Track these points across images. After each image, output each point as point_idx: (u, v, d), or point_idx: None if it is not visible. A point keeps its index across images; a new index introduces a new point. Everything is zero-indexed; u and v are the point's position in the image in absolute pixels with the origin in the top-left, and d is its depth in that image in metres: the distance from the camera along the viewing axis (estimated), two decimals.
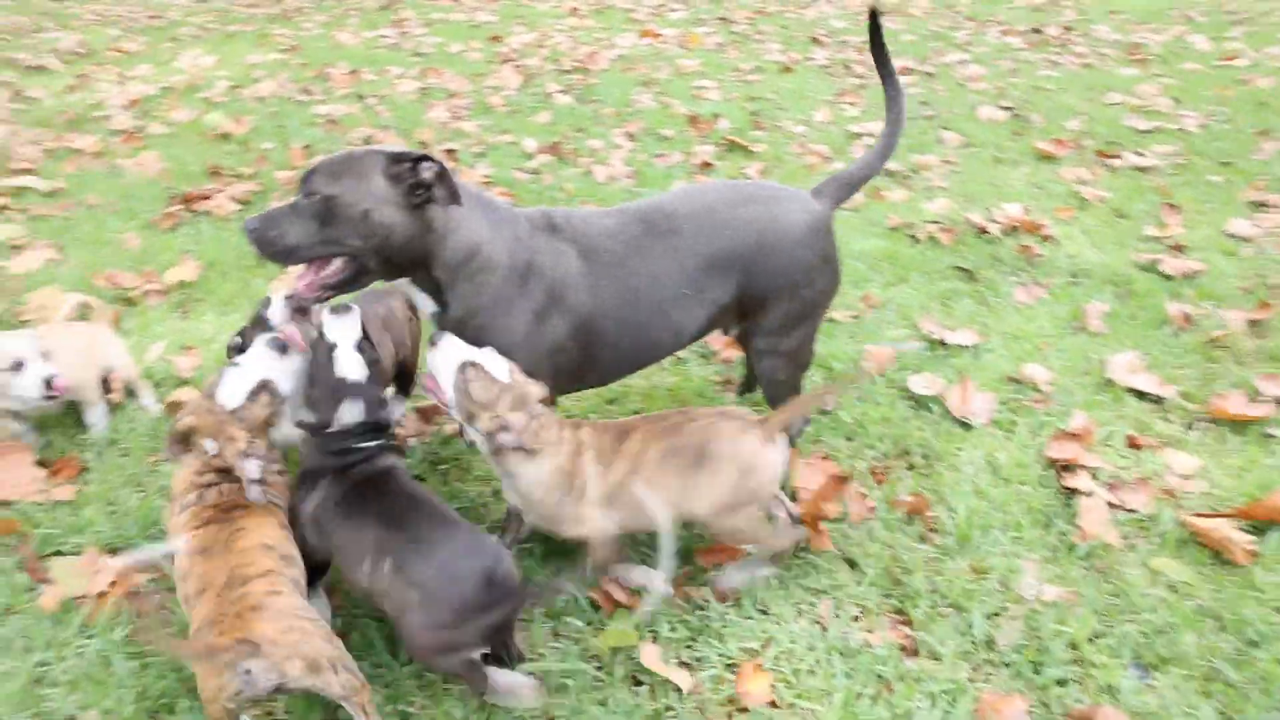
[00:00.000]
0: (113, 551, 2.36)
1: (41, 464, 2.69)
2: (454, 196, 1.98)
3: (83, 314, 3.29)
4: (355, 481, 2.01)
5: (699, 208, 2.24)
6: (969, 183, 4.63)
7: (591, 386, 2.40)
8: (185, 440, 2.07)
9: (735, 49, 7.40)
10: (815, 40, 7.62)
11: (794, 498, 2.44)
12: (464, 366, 1.99)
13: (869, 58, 6.98)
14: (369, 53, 7.89)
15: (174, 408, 2.93)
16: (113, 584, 2.25)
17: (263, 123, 5.90)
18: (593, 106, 5.93)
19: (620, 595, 2.18)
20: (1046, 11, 9.06)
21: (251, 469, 1.97)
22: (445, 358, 2.02)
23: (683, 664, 2.05)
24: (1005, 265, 3.76)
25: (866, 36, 2.44)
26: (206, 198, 4.60)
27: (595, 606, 2.17)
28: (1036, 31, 8.07)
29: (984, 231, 4.00)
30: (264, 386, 2.08)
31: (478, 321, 2.10)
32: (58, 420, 2.85)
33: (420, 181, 1.95)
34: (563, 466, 2.04)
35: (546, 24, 8.74)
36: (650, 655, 2.02)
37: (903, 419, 2.78)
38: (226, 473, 2.03)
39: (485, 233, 2.07)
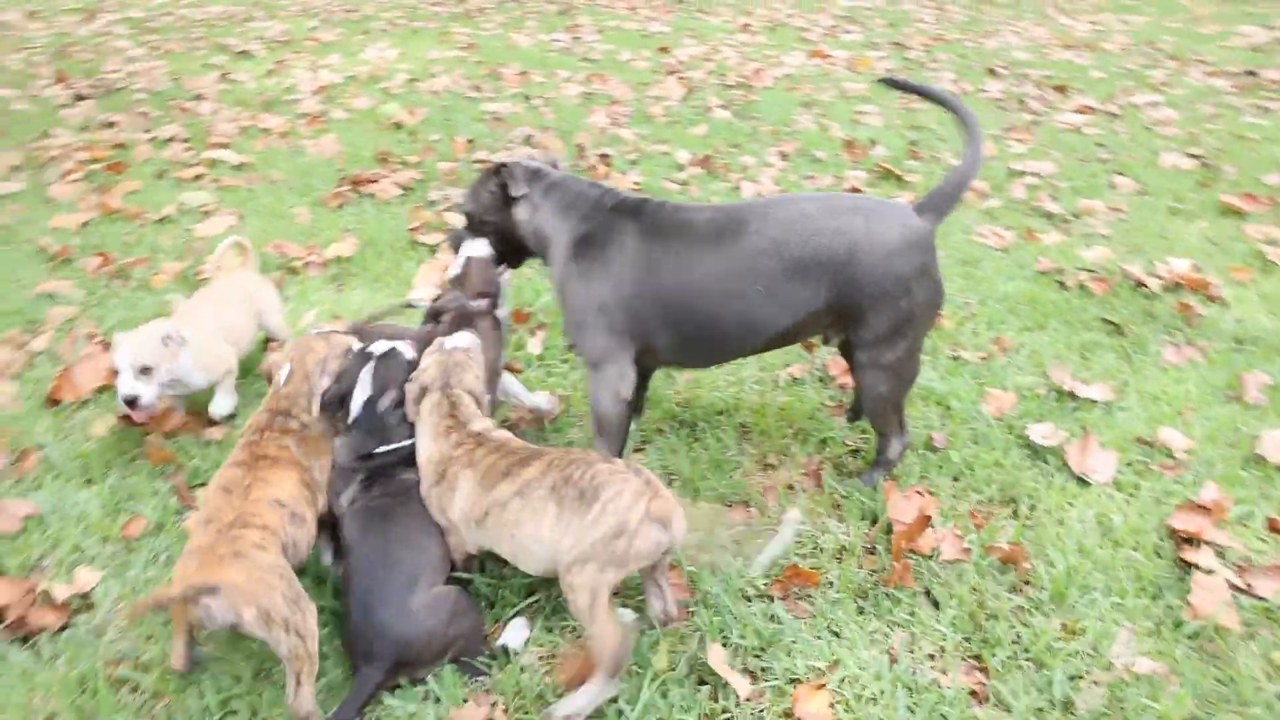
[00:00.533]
0: None
1: (196, 412, 2.99)
2: (520, 189, 2.51)
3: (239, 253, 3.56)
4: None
5: (793, 214, 2.33)
6: (1135, 233, 4.41)
7: (667, 364, 2.59)
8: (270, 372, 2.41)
9: (906, 76, 7.28)
10: (991, 71, 7.40)
11: (888, 530, 2.43)
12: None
13: (1048, 93, 6.75)
14: (541, 55, 8.20)
15: None
16: None
17: (433, 115, 6.24)
18: (751, 123, 5.98)
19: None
20: (1268, 53, 8.45)
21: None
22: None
23: (747, 671, 2.08)
24: (1159, 323, 3.56)
25: (1042, 71, 2.42)
26: (373, 181, 4.92)
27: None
28: (1251, 74, 7.55)
29: (1142, 285, 3.80)
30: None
31: (556, 283, 2.52)
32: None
33: (503, 186, 2.52)
34: (435, 458, 2.15)
35: (717, 38, 8.84)
36: (716, 657, 2.06)
37: (1015, 467, 2.70)
38: (283, 417, 2.27)
39: (550, 222, 2.51)
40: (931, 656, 2.11)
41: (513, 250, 2.63)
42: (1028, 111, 6.43)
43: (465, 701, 2.00)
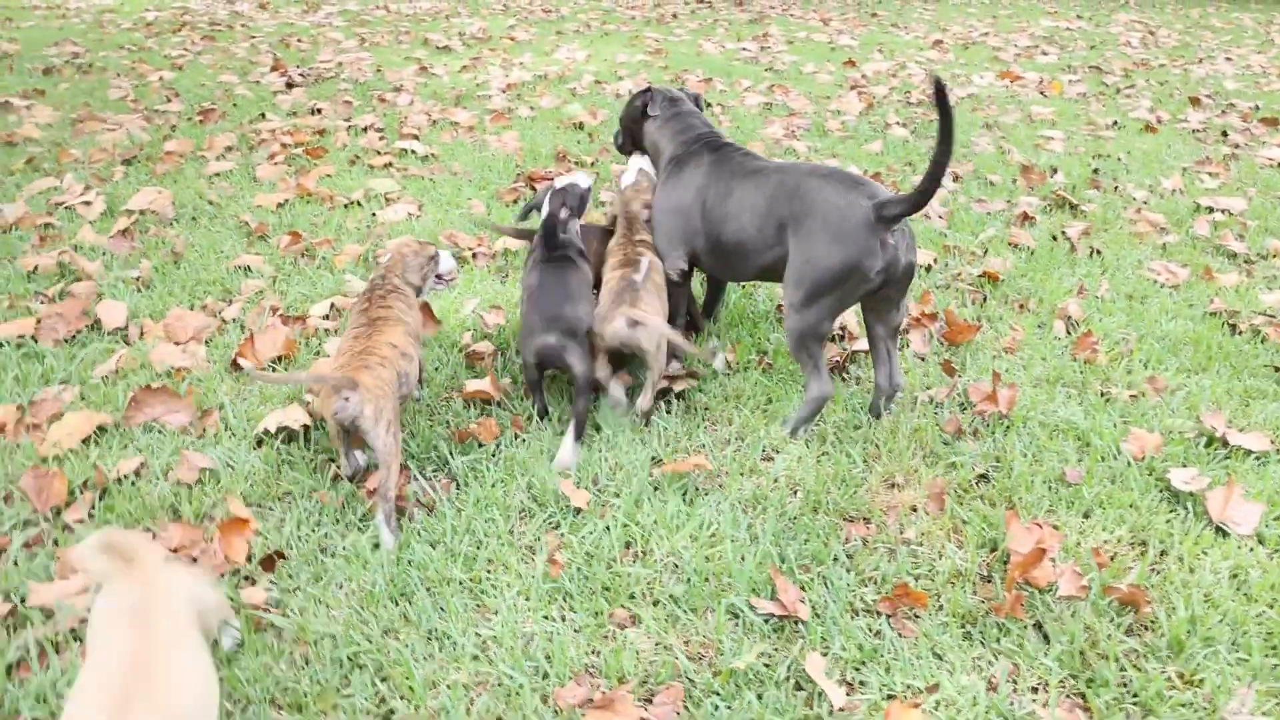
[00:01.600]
0: None
1: None
2: (652, 112, 3.41)
3: None
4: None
5: (788, 169, 2.95)
6: None
7: (726, 276, 3.33)
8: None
9: (1099, 101, 6.96)
10: (1194, 100, 6.96)
11: (1006, 559, 2.39)
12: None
13: (1255, 126, 6.30)
14: (727, 63, 8.31)
15: (473, 357, 3.39)
16: None
17: (614, 117, 6.45)
18: (928, 142, 5.88)
19: (788, 606, 2.26)
20: None
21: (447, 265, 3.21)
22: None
23: (844, 682, 2.10)
24: None
25: (1252, 102, 2.33)
26: (548, 178, 5.15)
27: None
28: None
29: None
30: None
31: (659, 181, 3.37)
32: None
33: (644, 104, 3.43)
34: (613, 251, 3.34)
35: (906, 54, 8.70)
36: (814, 665, 2.10)
37: (1151, 510, 2.58)
38: (381, 284, 3.00)
39: (662, 137, 3.37)
40: (1034, 690, 2.07)
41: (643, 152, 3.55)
42: (1227, 145, 6.03)
43: None
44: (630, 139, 3.60)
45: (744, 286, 3.89)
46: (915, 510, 2.63)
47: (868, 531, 2.56)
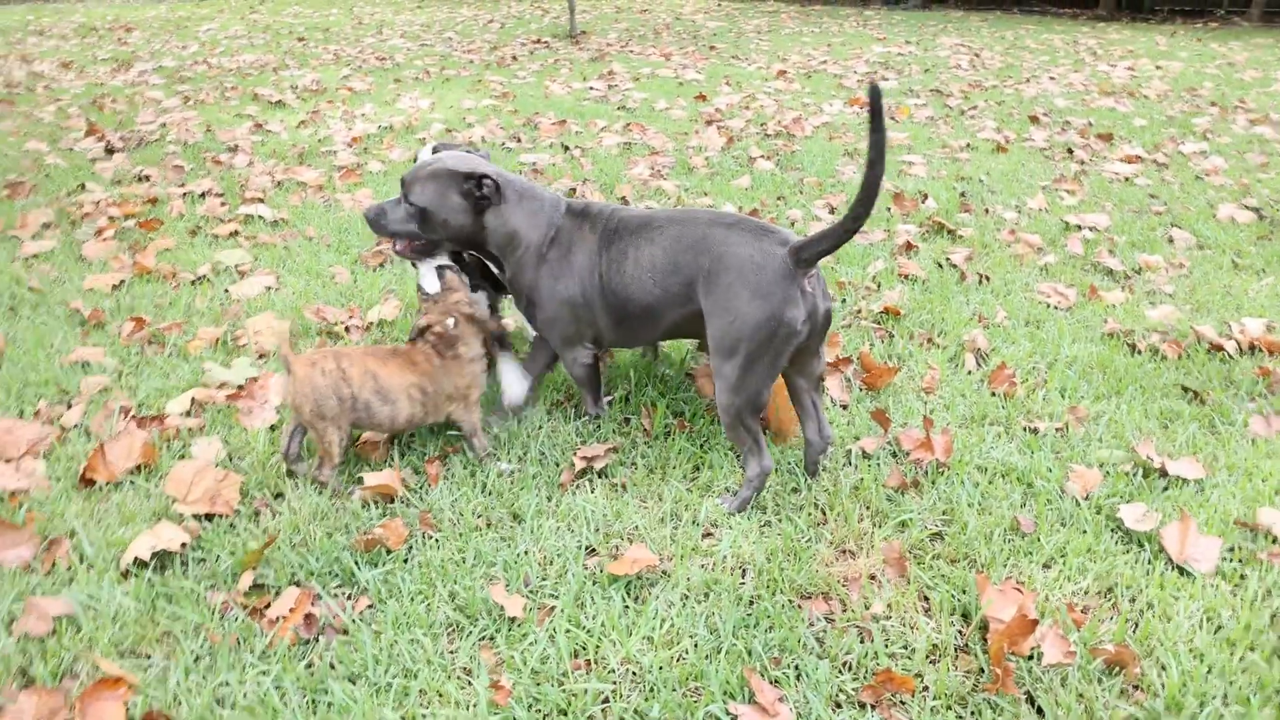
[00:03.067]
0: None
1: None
2: (500, 199, 2.80)
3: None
4: None
5: (687, 218, 2.70)
6: (1200, 290, 4.26)
7: (613, 345, 3.00)
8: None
9: (947, 124, 7.19)
10: (1034, 119, 7.29)
11: (983, 627, 2.26)
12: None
13: (1095, 142, 6.62)
14: (577, 104, 8.18)
15: (368, 447, 3.05)
16: None
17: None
18: (795, 174, 5.88)
19: (768, 708, 2.05)
20: None
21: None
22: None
23: None
24: (1240, 389, 3.39)
25: (1084, 119, 2.28)
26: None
27: None
28: None
29: (1218, 349, 3.64)
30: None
31: (519, 280, 2.89)
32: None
33: (482, 195, 2.76)
34: None
35: (753, 85, 8.80)
36: None
37: (1110, 553, 2.52)
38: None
39: (522, 222, 2.83)
40: None
41: (454, 245, 2.98)
42: (1074, 161, 6.30)
43: None
44: (447, 240, 2.89)
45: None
46: (874, 579, 2.48)
47: (830, 608, 2.39)
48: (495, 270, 3.07)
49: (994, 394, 3.28)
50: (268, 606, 2.38)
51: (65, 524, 2.71)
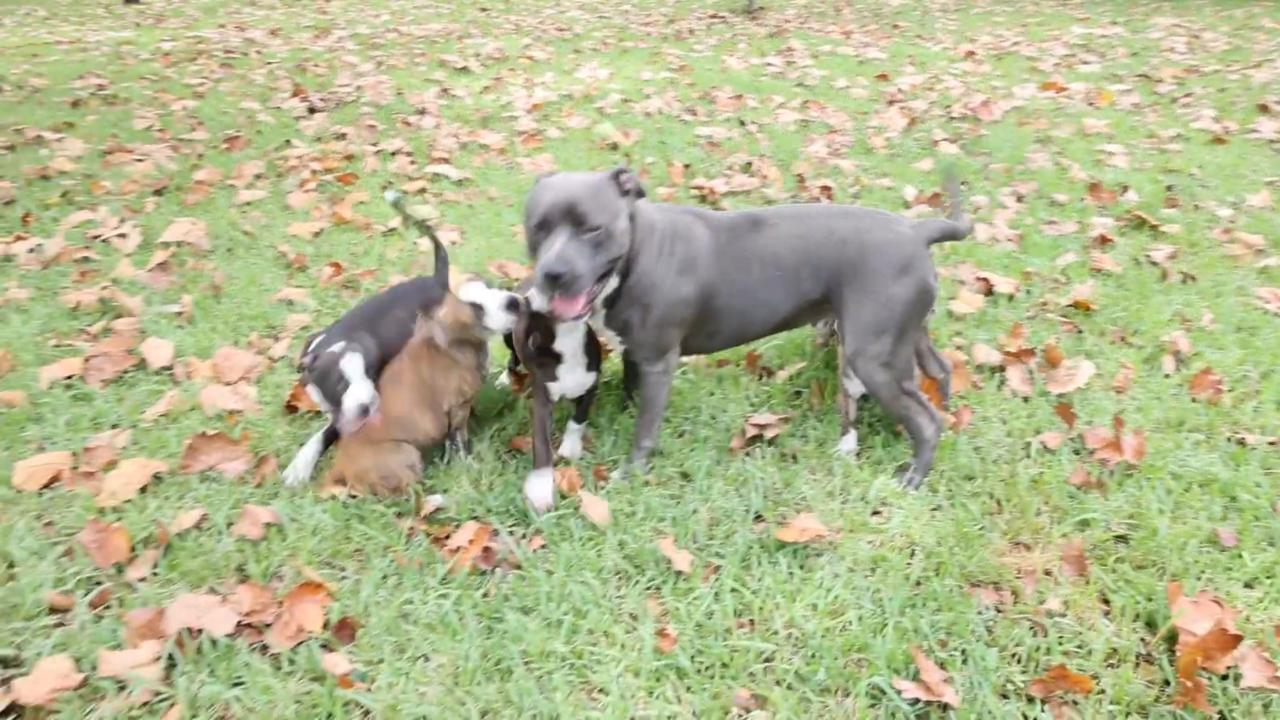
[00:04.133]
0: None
1: None
2: (643, 192, 2.54)
3: None
4: None
5: (800, 213, 2.71)
6: None
7: (711, 350, 2.84)
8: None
9: (1155, 112, 6.74)
10: (1263, 108, 6.71)
11: (1170, 638, 2.15)
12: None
13: None
14: (754, 79, 8.12)
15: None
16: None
17: (648, 137, 6.25)
18: (981, 159, 5.66)
19: (933, 688, 2.02)
20: None
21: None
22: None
23: None
24: None
25: None
26: None
27: None
28: None
29: None
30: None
31: (641, 282, 2.57)
32: None
33: (634, 190, 2.49)
34: None
35: (939, 66, 8.49)
36: None
37: None
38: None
39: (655, 214, 2.61)
40: None
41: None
42: None
43: None
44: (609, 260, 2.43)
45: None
46: (1050, 575, 2.40)
47: (1000, 599, 2.33)
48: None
49: (1195, 400, 3.09)
50: (448, 537, 2.53)
51: (272, 444, 2.95)
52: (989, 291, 3.87)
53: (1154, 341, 3.45)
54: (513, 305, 2.69)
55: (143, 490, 2.73)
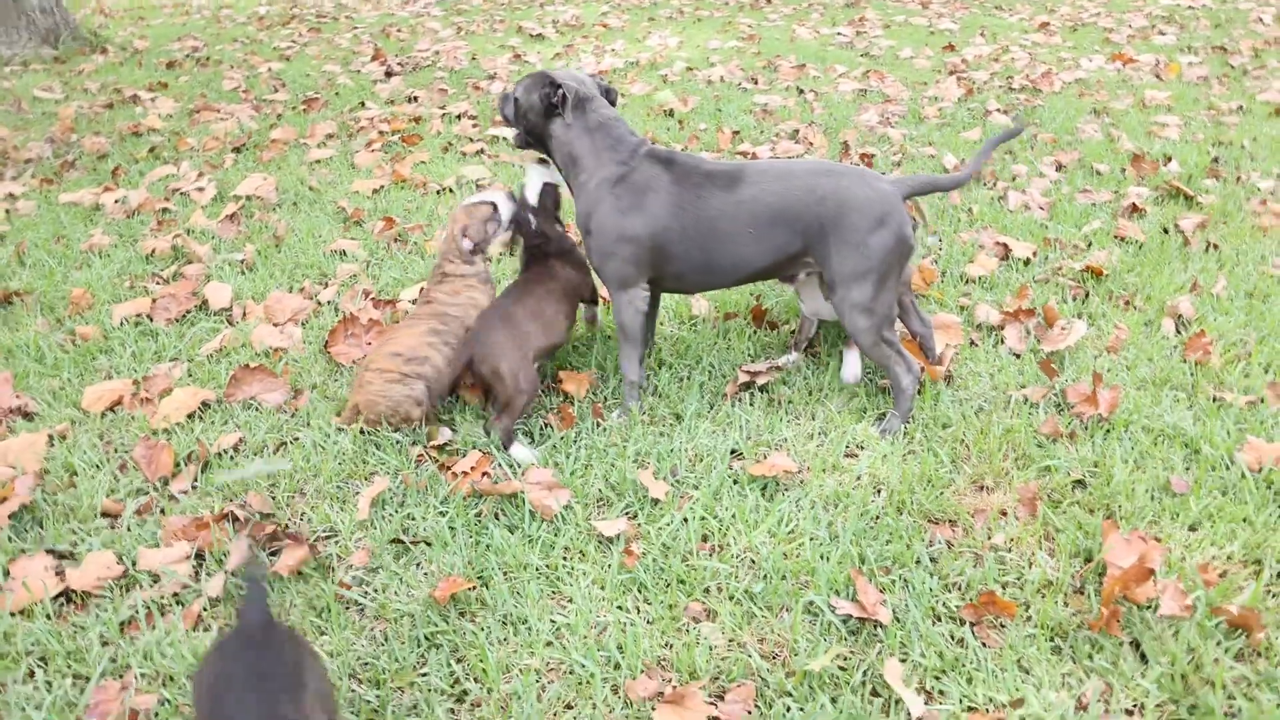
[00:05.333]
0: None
1: None
2: (561, 115, 2.93)
3: None
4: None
5: (781, 170, 2.84)
6: None
7: (669, 289, 3.05)
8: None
9: (1222, 84, 6.57)
10: None
11: (1102, 571, 2.28)
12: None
13: None
14: (821, 49, 8.14)
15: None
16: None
17: (705, 104, 6.39)
18: (1031, 129, 5.65)
19: (868, 608, 2.20)
20: None
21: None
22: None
23: (923, 690, 2.04)
24: None
25: None
26: None
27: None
28: None
29: None
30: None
31: (577, 206, 2.98)
32: None
33: (551, 103, 2.92)
34: None
35: (1010, 37, 8.37)
36: (893, 671, 2.04)
37: (1267, 526, 2.42)
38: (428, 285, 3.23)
39: (584, 151, 2.93)
40: (1128, 712, 1.97)
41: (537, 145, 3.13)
42: None
43: None
44: (528, 134, 3.09)
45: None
46: (1005, 515, 2.54)
47: (953, 535, 2.48)
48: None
49: (1184, 360, 3.15)
50: (454, 464, 2.79)
51: (310, 378, 3.26)
52: (1005, 256, 3.95)
53: (1158, 306, 3.50)
54: (510, 195, 3.24)
55: (190, 416, 3.06)
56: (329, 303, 3.79)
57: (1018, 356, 3.24)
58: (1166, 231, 4.16)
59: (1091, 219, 4.28)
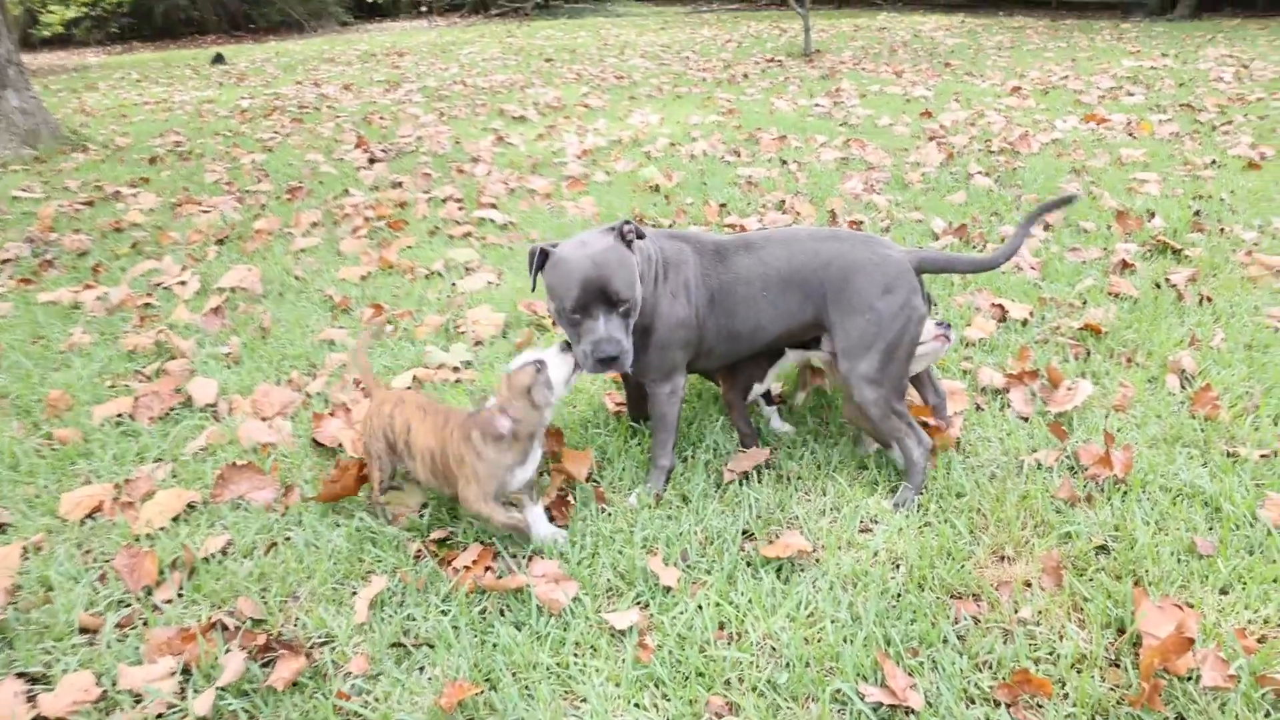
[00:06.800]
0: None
1: None
2: (642, 234, 2.72)
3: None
4: None
5: (788, 236, 2.84)
6: None
7: (709, 369, 3.02)
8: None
9: (1194, 140, 6.69)
10: None
11: (1136, 643, 2.18)
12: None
13: None
14: (800, 119, 8.27)
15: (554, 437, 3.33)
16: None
17: (690, 178, 6.43)
18: (1013, 191, 5.70)
19: (898, 693, 2.09)
20: None
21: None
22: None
23: None
24: None
25: None
26: None
27: None
28: None
29: None
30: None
31: (644, 309, 2.73)
32: None
33: (635, 236, 2.68)
34: None
35: (984, 102, 8.54)
36: None
37: None
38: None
39: (648, 243, 2.79)
40: None
41: None
42: None
43: None
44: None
45: None
46: (1029, 586, 2.45)
47: (978, 610, 2.39)
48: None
49: (1193, 416, 3.10)
50: (455, 559, 2.67)
51: (301, 474, 3.15)
52: (1003, 318, 3.92)
53: (1160, 361, 3.47)
54: (566, 346, 2.66)
55: (175, 519, 2.92)
56: (318, 394, 3.71)
57: (1026, 420, 3.18)
58: (1159, 286, 4.16)
59: (1084, 276, 4.27)
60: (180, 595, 2.61)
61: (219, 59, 17.41)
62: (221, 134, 9.26)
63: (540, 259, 2.65)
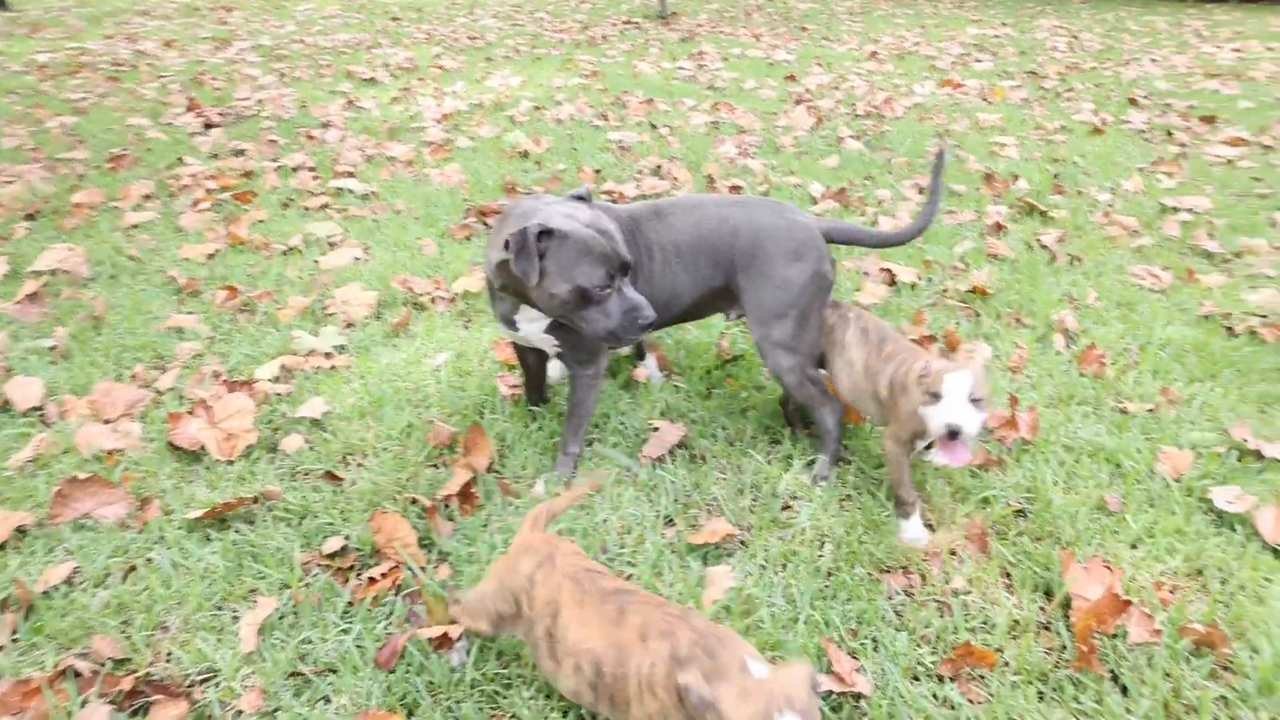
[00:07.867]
0: None
1: None
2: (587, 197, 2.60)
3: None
4: None
5: (695, 202, 2.77)
6: None
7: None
8: None
9: (1041, 105, 6.97)
10: (1133, 101, 7.02)
11: (1066, 605, 2.20)
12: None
13: (1196, 125, 6.36)
14: (665, 83, 8.15)
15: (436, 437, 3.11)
16: None
17: (559, 143, 6.21)
18: (884, 154, 5.77)
19: (846, 678, 2.03)
20: None
21: None
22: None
23: None
24: None
25: (1186, 101, 2.18)
26: (499, 212, 4.87)
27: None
28: None
29: None
30: None
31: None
32: None
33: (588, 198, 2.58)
34: None
35: (844, 66, 8.65)
36: None
37: (1200, 534, 2.43)
38: None
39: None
40: None
41: None
42: (1174, 144, 6.05)
43: None
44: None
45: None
46: (955, 554, 2.43)
47: (909, 583, 2.36)
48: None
49: (1083, 374, 3.19)
50: (350, 569, 2.42)
51: (158, 483, 2.77)
52: (892, 282, 3.94)
53: (1045, 321, 3.56)
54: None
55: (2, 547, 2.50)
56: (170, 389, 3.31)
57: None
58: (1031, 247, 4.28)
59: (962, 239, 4.35)
60: (15, 641, 2.21)
61: (1, 4, 15.62)
62: (16, 92, 8.27)
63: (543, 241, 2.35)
